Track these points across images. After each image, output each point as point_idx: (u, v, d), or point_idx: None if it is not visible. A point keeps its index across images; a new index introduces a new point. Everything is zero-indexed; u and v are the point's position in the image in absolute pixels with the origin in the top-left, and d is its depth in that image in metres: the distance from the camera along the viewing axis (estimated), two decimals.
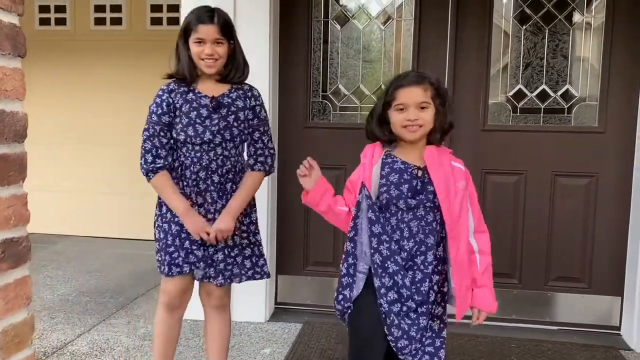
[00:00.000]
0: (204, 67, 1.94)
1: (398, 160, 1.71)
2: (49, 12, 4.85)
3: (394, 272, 1.66)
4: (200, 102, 1.96)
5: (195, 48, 1.92)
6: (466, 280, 1.70)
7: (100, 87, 4.77)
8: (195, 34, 1.91)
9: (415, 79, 1.69)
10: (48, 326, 3.01)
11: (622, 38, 2.90)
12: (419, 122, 1.65)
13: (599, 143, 2.97)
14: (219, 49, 1.92)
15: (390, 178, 1.69)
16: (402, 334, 1.65)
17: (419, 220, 1.68)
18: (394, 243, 1.67)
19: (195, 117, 1.94)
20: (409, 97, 1.66)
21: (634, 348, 2.84)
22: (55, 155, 4.89)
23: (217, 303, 2.13)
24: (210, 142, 1.95)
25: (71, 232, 4.93)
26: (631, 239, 2.93)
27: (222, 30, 1.92)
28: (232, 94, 2.00)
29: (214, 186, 1.98)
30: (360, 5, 3.14)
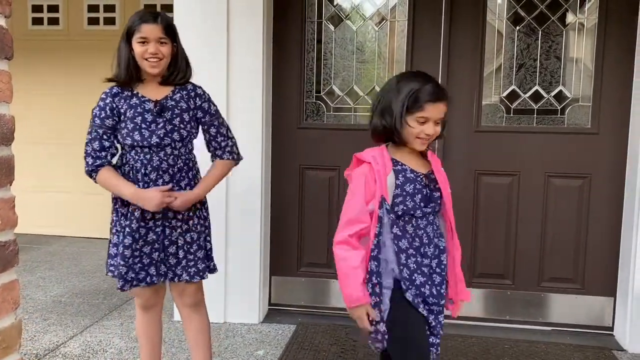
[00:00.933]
0: (147, 67, 1.94)
1: (407, 167, 1.67)
2: (42, 11, 4.82)
3: (420, 284, 1.66)
4: (145, 107, 1.96)
5: (139, 48, 1.92)
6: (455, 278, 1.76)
7: (94, 87, 4.74)
8: (138, 34, 1.92)
9: (443, 95, 1.64)
10: (40, 328, 2.99)
11: (614, 39, 2.90)
12: (434, 136, 1.65)
13: (592, 144, 2.97)
14: (163, 49, 1.94)
15: (406, 188, 1.64)
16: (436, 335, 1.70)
17: (432, 225, 1.69)
18: (419, 256, 1.66)
19: (141, 122, 1.94)
20: (435, 113, 1.62)
21: (626, 348, 2.85)
22: (49, 155, 4.87)
23: (191, 301, 2.12)
24: (157, 144, 1.95)
25: (64, 232, 4.91)
26: (624, 239, 2.94)
27: (165, 30, 1.94)
28: (175, 96, 2.00)
29: (165, 185, 1.97)
30: (354, 6, 3.13)
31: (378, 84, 3.14)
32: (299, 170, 3.20)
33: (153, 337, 2.19)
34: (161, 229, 2.00)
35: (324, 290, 3.24)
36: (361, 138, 3.12)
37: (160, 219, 1.99)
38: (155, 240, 1.99)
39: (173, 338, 2.90)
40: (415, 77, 1.68)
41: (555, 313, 3.06)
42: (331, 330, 2.99)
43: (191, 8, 2.96)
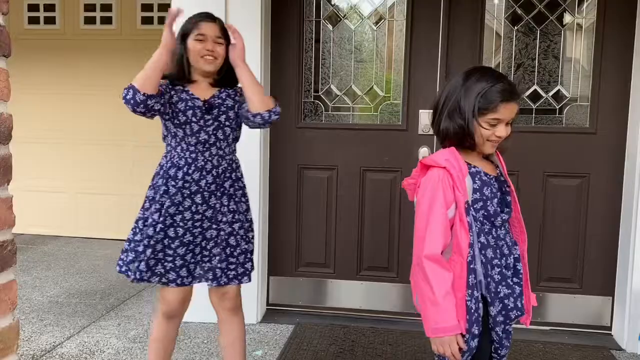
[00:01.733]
0: (203, 64, 1.96)
1: (480, 170, 1.54)
2: (38, 10, 4.80)
3: (504, 295, 1.53)
4: (195, 103, 1.98)
5: (197, 45, 1.95)
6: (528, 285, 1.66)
7: (90, 86, 4.73)
8: (197, 31, 1.95)
9: (516, 95, 1.50)
10: (37, 328, 2.97)
11: (612, 38, 2.90)
12: (505, 136, 1.52)
13: (590, 143, 2.97)
14: (219, 49, 1.97)
15: (484, 192, 1.52)
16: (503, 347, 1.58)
17: (508, 233, 1.60)
18: (503, 267, 1.54)
19: (192, 116, 1.96)
20: (507, 113, 1.49)
21: (624, 348, 2.85)
22: (45, 155, 4.85)
23: (231, 305, 2.11)
24: (205, 142, 1.97)
25: (61, 232, 4.89)
26: (622, 239, 2.94)
27: (222, 30, 1.99)
28: (221, 94, 2.03)
29: (207, 187, 1.98)
30: (352, 5, 3.13)
31: (376, 84, 3.14)
32: (297, 169, 3.19)
33: (167, 346, 2.15)
34: (199, 230, 1.98)
35: (322, 290, 3.24)
36: (359, 138, 3.14)
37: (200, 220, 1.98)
38: (191, 242, 1.98)
39: None
40: (484, 74, 1.53)
41: (554, 313, 3.06)
42: (329, 331, 2.99)
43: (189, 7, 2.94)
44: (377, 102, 3.15)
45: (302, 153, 3.18)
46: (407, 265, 3.12)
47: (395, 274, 3.17)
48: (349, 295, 3.23)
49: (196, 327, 3.02)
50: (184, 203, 1.97)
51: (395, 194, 3.13)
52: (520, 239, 1.63)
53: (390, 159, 3.11)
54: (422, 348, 2.81)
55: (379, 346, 2.83)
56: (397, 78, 3.12)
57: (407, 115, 3.08)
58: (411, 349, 2.81)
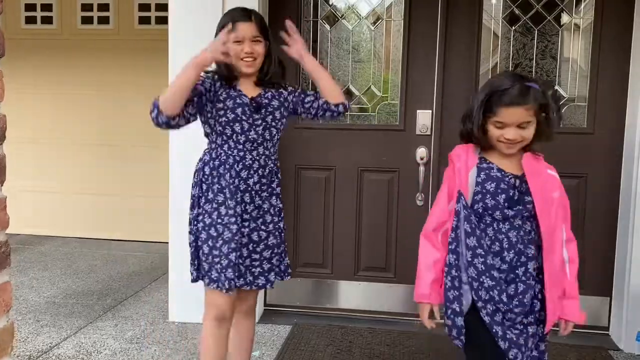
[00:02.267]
0: (243, 66, 1.92)
1: (494, 166, 1.64)
2: (35, 10, 4.78)
3: (489, 287, 1.61)
4: (243, 100, 1.93)
5: (235, 47, 1.90)
6: (558, 292, 1.65)
7: (87, 86, 4.72)
8: (233, 33, 1.88)
9: (519, 99, 1.56)
10: (33, 329, 2.96)
11: (610, 39, 2.90)
12: (518, 140, 1.59)
13: (588, 144, 2.97)
14: (257, 48, 1.92)
15: (486, 186, 1.62)
16: (511, 344, 1.61)
17: (517, 230, 1.63)
18: (492, 256, 1.61)
19: (241, 114, 1.92)
20: (510, 118, 1.57)
21: (622, 348, 2.85)
22: (42, 155, 4.84)
23: (247, 308, 2.11)
24: (254, 140, 1.93)
25: (58, 233, 4.87)
26: (619, 239, 2.94)
27: (259, 27, 1.92)
28: (267, 94, 1.98)
29: (254, 186, 1.95)
30: (350, 5, 3.12)
31: (374, 84, 3.14)
32: (295, 170, 3.19)
33: (222, 355, 2.04)
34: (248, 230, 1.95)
35: (319, 290, 3.23)
36: (357, 138, 3.13)
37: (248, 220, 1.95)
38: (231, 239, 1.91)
39: (168, 339, 2.88)
40: (500, 78, 1.65)
41: None
42: (327, 331, 2.98)
43: (186, 7, 2.94)
44: (375, 103, 3.15)
45: (299, 153, 3.17)
46: (404, 266, 3.12)
47: (393, 274, 3.17)
48: (347, 296, 3.23)
49: (193, 327, 3.01)
50: (229, 202, 1.91)
51: (393, 194, 3.12)
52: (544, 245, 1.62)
53: (388, 159, 3.11)
54: (419, 349, 2.81)
55: (376, 347, 2.83)
56: (394, 78, 3.11)
57: (405, 115, 3.08)
58: (409, 349, 2.80)
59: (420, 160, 3.04)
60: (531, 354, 1.68)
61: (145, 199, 4.72)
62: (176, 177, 3.01)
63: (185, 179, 2.95)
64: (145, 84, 4.58)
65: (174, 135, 3.01)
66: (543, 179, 1.64)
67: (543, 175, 1.64)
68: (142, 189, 4.72)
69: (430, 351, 2.77)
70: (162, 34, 3.22)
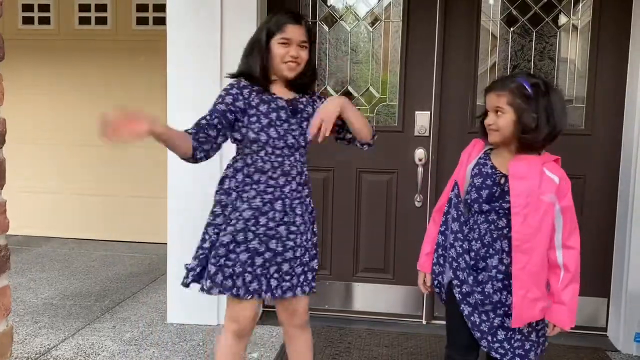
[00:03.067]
0: (285, 69, 1.84)
1: (489, 163, 1.76)
2: (33, 10, 4.77)
3: (461, 269, 1.77)
4: (278, 104, 1.85)
5: (281, 49, 1.82)
6: (532, 293, 1.66)
7: (84, 87, 4.71)
8: (281, 34, 1.82)
9: (495, 86, 1.74)
10: (31, 331, 2.96)
11: (607, 40, 2.91)
12: (493, 127, 1.71)
13: (586, 145, 2.98)
14: (303, 53, 1.85)
15: (475, 180, 1.75)
16: (474, 327, 1.76)
17: (489, 223, 1.73)
18: (467, 243, 1.76)
19: (276, 119, 1.83)
20: (487, 102, 1.75)
21: (620, 349, 2.86)
22: (39, 155, 4.83)
23: (300, 321, 2.03)
24: (292, 146, 1.85)
25: (55, 234, 4.86)
26: (617, 240, 2.95)
27: (307, 33, 1.86)
28: (302, 99, 1.92)
29: (290, 194, 1.86)
30: (348, 7, 3.12)
31: (372, 85, 3.14)
32: None
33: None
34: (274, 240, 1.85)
35: (318, 291, 3.21)
36: None
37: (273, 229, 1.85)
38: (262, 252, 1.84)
39: (167, 341, 2.88)
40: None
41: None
42: (325, 332, 2.98)
43: (184, 8, 2.94)
44: (373, 104, 3.15)
45: None
46: (403, 267, 3.12)
47: (392, 275, 3.17)
48: (345, 297, 3.23)
49: (192, 329, 3.01)
50: (263, 208, 1.84)
51: (391, 195, 3.12)
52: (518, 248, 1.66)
53: (387, 161, 3.11)
54: (418, 350, 2.81)
55: (375, 348, 2.83)
56: (393, 79, 3.11)
57: (403, 116, 3.08)
58: (407, 350, 2.80)
59: (418, 161, 3.04)
60: (515, 352, 1.73)
61: (143, 199, 4.71)
62: (174, 178, 3.00)
63: (183, 179, 2.97)
64: (143, 85, 4.59)
65: None
66: (531, 181, 1.65)
67: (532, 178, 1.65)
68: (140, 190, 4.72)
69: (429, 352, 2.77)
70: (160, 34, 3.22)
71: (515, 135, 1.67)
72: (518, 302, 1.67)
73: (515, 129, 1.66)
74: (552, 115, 1.65)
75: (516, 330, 1.73)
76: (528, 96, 1.65)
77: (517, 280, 1.66)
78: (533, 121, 1.64)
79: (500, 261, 1.71)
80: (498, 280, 1.72)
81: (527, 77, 1.69)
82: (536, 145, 1.69)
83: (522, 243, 1.64)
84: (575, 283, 1.70)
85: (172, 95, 2.98)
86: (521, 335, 1.75)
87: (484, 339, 1.75)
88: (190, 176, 2.89)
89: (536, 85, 1.66)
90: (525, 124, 1.64)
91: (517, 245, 1.65)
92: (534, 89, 1.65)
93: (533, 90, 1.65)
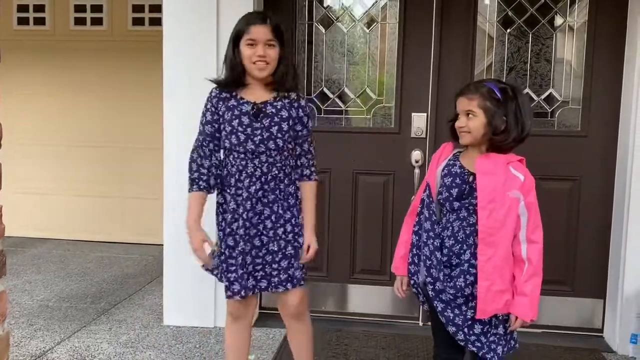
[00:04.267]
0: (255, 70, 1.90)
1: (457, 164, 1.84)
2: (28, 11, 4.75)
3: (432, 266, 1.83)
4: (242, 109, 1.93)
5: (248, 50, 1.89)
6: (496, 285, 1.75)
7: (80, 88, 4.69)
8: (247, 35, 1.89)
9: (466, 90, 1.82)
10: (27, 333, 2.94)
11: (604, 41, 2.91)
12: (464, 129, 1.80)
13: (582, 147, 2.98)
14: (271, 52, 1.89)
15: (445, 180, 1.83)
16: (448, 321, 1.82)
17: (461, 220, 1.81)
18: (439, 241, 1.82)
19: (237, 125, 1.92)
20: (459, 105, 1.83)
21: (616, 350, 2.86)
22: (35, 157, 4.81)
23: (293, 311, 2.11)
24: (253, 151, 1.93)
25: (51, 235, 4.84)
26: (613, 241, 2.95)
27: (274, 31, 1.90)
28: (276, 103, 1.95)
29: (255, 193, 1.95)
30: (345, 8, 3.12)
31: (369, 87, 3.14)
32: None
33: (240, 348, 2.17)
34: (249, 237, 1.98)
35: (314, 293, 3.22)
36: (352, 141, 3.13)
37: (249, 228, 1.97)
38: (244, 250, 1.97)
39: (163, 343, 2.87)
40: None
41: (546, 315, 3.06)
42: (321, 334, 2.98)
43: (180, 10, 2.93)
44: (370, 105, 3.15)
45: None
46: None
47: (388, 277, 3.17)
48: (342, 299, 3.22)
49: (188, 331, 3.00)
50: (238, 210, 1.96)
51: (388, 197, 3.12)
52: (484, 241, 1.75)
53: (383, 162, 3.11)
54: (414, 351, 2.81)
55: (371, 350, 2.82)
56: (389, 81, 3.11)
57: (400, 118, 3.08)
58: (404, 352, 2.80)
59: (415, 163, 3.04)
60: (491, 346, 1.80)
61: (139, 201, 4.70)
62: (170, 179, 2.99)
63: (179, 180, 2.95)
64: (139, 86, 4.58)
65: (168, 137, 3.00)
66: (497, 178, 1.75)
67: (498, 175, 1.75)
68: (136, 191, 4.71)
69: (425, 353, 2.77)
70: (156, 35, 3.20)
71: (486, 136, 1.78)
72: (482, 294, 1.75)
73: (486, 130, 1.77)
74: (520, 118, 1.77)
75: (492, 323, 1.80)
76: (498, 100, 1.77)
77: (482, 272, 1.75)
78: (503, 123, 1.76)
79: (473, 255, 1.79)
80: (470, 274, 1.78)
81: (496, 83, 1.83)
82: (506, 146, 1.79)
83: (487, 236, 1.74)
84: (538, 276, 1.80)
85: (168, 95, 2.97)
86: (491, 327, 1.81)
87: (460, 331, 1.81)
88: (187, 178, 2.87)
89: (504, 90, 1.79)
90: (495, 126, 1.76)
91: (483, 238, 1.75)
92: (502, 94, 1.78)
93: (502, 94, 1.78)
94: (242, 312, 2.11)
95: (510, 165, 1.77)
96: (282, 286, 2.02)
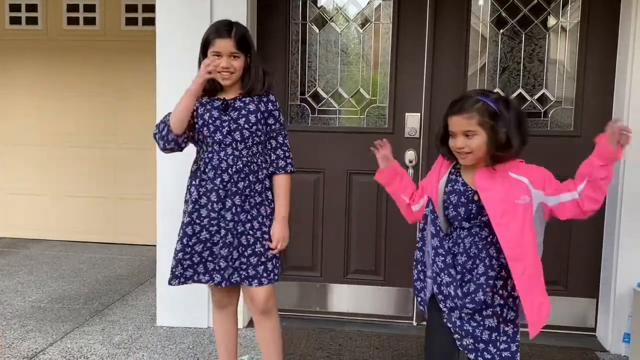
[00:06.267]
0: (220, 79, 2.02)
1: (460, 180, 1.77)
2: (20, 10, 4.72)
3: (446, 283, 1.77)
4: (213, 104, 2.05)
5: (215, 61, 1.99)
6: (537, 298, 1.71)
7: (72, 88, 4.67)
8: (212, 48, 2.00)
9: (460, 108, 1.69)
10: (19, 335, 2.92)
11: (596, 42, 2.93)
12: (465, 150, 1.69)
13: (575, 147, 2.99)
14: (235, 63, 2.01)
15: (451, 198, 1.76)
16: (466, 334, 1.74)
17: (472, 236, 1.75)
18: (451, 257, 1.76)
19: (208, 118, 2.04)
20: (455, 126, 1.70)
21: (609, 349, 2.88)
22: (27, 157, 4.79)
23: (261, 307, 2.14)
24: (220, 142, 2.02)
25: (44, 236, 4.82)
26: (606, 241, 2.97)
27: (238, 44, 2.00)
28: (245, 98, 2.07)
29: (222, 185, 2.02)
30: (339, 8, 3.12)
31: (363, 86, 3.14)
32: None
33: (226, 334, 2.27)
34: (215, 228, 2.04)
35: (308, 294, 3.22)
36: (346, 141, 3.13)
37: (216, 219, 2.04)
38: (208, 240, 2.05)
39: (156, 344, 2.86)
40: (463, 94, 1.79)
41: None
42: (316, 335, 2.98)
43: (173, 9, 2.92)
44: (364, 105, 3.15)
45: None
46: (394, 269, 3.12)
47: (383, 277, 3.17)
48: (336, 299, 3.22)
49: (182, 332, 2.99)
50: (200, 201, 2.04)
51: (382, 197, 3.12)
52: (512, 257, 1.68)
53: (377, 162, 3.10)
54: (408, 351, 2.81)
55: (366, 350, 2.82)
56: (383, 81, 3.12)
57: (394, 118, 3.08)
58: (398, 352, 2.81)
59: (409, 163, 3.04)
60: (502, 354, 1.75)
61: (132, 201, 4.68)
62: (164, 180, 2.98)
63: (172, 181, 2.94)
64: (132, 86, 4.56)
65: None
66: (500, 190, 1.68)
67: (501, 187, 1.69)
68: (129, 192, 4.69)
69: (420, 353, 2.77)
70: (149, 35, 3.20)
71: (489, 153, 1.69)
72: (529, 309, 1.69)
73: (489, 147, 1.68)
74: (520, 126, 1.70)
75: (499, 330, 1.75)
76: (495, 113, 1.67)
77: (521, 289, 1.68)
78: (504, 136, 1.66)
79: (487, 267, 1.74)
80: (488, 286, 1.73)
81: (485, 95, 1.71)
82: (509, 159, 1.71)
83: (513, 250, 1.67)
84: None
85: (161, 95, 2.96)
86: (507, 337, 1.76)
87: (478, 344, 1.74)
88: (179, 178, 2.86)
89: (497, 101, 1.69)
90: (498, 141, 1.66)
91: (510, 255, 1.67)
92: (497, 105, 1.68)
93: (497, 106, 1.68)
94: (226, 301, 2.23)
95: (510, 171, 1.71)
96: (249, 281, 2.07)
